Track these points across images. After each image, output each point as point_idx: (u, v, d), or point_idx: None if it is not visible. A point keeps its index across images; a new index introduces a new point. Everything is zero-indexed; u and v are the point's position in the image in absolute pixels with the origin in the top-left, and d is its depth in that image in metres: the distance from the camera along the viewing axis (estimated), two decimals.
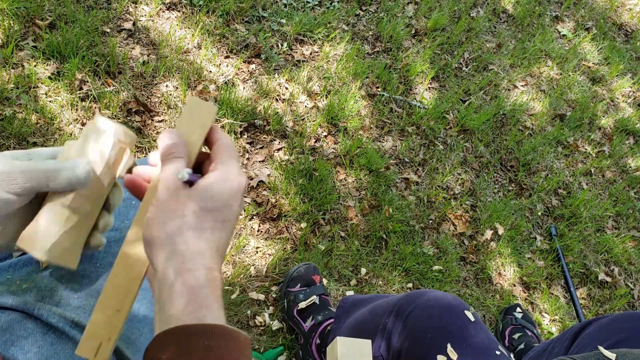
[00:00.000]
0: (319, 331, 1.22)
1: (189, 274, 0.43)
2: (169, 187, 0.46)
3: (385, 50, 1.98)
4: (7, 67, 1.39)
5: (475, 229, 1.68)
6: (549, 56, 2.27)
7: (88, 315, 0.59)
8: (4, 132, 1.31)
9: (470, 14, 2.26)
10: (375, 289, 1.46)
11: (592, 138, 2.08)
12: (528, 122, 2.01)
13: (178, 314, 0.42)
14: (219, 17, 1.76)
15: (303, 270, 1.33)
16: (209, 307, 0.43)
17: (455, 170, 1.78)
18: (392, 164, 1.70)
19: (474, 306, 1.53)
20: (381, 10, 2.09)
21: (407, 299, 0.89)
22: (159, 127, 1.48)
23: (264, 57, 1.75)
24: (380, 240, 1.55)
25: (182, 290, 0.42)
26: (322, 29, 1.90)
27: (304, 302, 1.26)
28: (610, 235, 1.82)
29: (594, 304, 1.66)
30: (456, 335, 0.81)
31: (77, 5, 1.58)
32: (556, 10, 2.50)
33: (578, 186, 1.93)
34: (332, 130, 1.70)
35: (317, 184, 1.53)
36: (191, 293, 0.42)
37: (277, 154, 1.58)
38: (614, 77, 2.32)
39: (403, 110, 1.84)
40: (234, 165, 0.49)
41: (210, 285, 0.44)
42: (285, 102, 1.68)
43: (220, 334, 0.41)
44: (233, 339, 0.42)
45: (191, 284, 0.43)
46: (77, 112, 1.41)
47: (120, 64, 1.53)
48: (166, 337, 0.41)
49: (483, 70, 2.10)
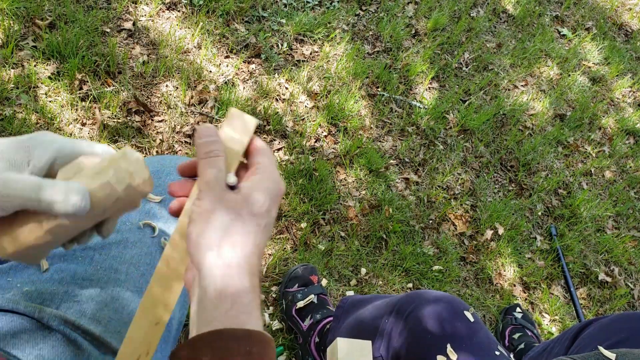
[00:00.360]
0: (318, 329, 1.22)
1: (235, 279, 0.43)
2: (214, 191, 0.45)
3: (385, 50, 1.98)
4: (7, 67, 1.39)
5: (475, 229, 1.67)
6: (549, 56, 2.27)
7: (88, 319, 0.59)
8: (4, 132, 1.31)
9: (470, 14, 2.26)
10: (375, 289, 1.46)
11: (592, 138, 2.08)
12: (528, 122, 2.01)
13: (221, 317, 0.42)
14: (219, 17, 1.76)
15: (301, 271, 1.34)
16: (250, 313, 0.43)
17: (455, 170, 1.78)
18: (392, 164, 1.70)
19: (474, 306, 1.53)
20: (381, 10, 2.08)
21: (407, 299, 0.89)
22: (159, 127, 1.48)
23: (264, 57, 1.75)
24: (380, 240, 1.54)
25: (227, 294, 0.42)
26: (322, 29, 1.90)
27: (302, 302, 1.26)
28: (610, 235, 1.82)
29: (594, 304, 1.66)
30: (456, 335, 0.81)
31: (77, 5, 1.58)
32: (556, 10, 2.50)
33: (578, 186, 1.93)
34: (332, 130, 1.70)
35: (317, 184, 1.53)
36: (235, 298, 0.42)
37: (277, 154, 1.58)
38: (614, 77, 2.32)
39: (403, 110, 1.84)
40: (274, 171, 0.48)
41: (253, 291, 0.44)
42: (285, 102, 1.68)
43: (259, 340, 0.42)
44: (270, 346, 0.42)
45: (236, 288, 0.43)
46: (77, 112, 1.41)
47: (120, 64, 1.53)
48: (208, 338, 0.41)
49: (483, 70, 2.10)
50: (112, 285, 0.62)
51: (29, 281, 0.60)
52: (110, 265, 0.63)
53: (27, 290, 0.58)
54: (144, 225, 0.67)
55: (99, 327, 0.59)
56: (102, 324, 0.59)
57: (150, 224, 0.67)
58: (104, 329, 0.59)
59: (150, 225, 0.67)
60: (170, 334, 0.67)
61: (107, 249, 0.63)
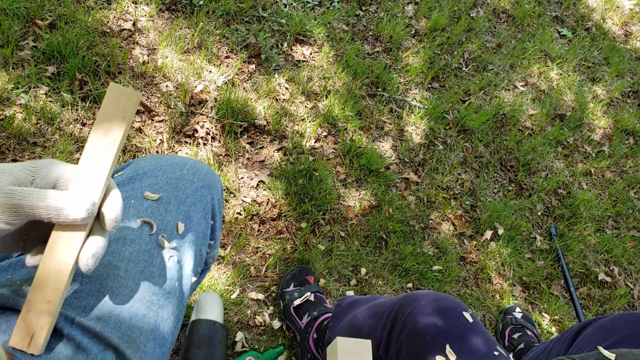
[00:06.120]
0: (316, 326, 1.22)
1: None
2: None
3: (385, 50, 1.98)
4: (7, 67, 1.39)
5: (475, 229, 1.68)
6: (548, 56, 2.27)
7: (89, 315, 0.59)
8: (4, 132, 1.31)
9: (470, 14, 2.26)
10: (375, 289, 1.46)
11: (592, 138, 2.08)
12: (528, 122, 2.01)
13: None
14: (219, 17, 1.76)
15: (297, 272, 1.35)
16: None
17: (455, 170, 1.78)
18: (392, 164, 1.70)
19: (474, 306, 1.54)
20: (381, 10, 2.09)
21: (406, 300, 0.89)
22: (159, 127, 1.48)
23: (264, 57, 1.75)
24: (380, 240, 1.55)
25: None
26: (322, 29, 1.90)
27: (298, 299, 1.28)
28: (610, 235, 1.82)
29: (593, 304, 1.66)
30: (455, 336, 0.81)
31: (77, 5, 1.58)
32: (556, 10, 2.50)
33: (578, 186, 1.93)
34: (332, 130, 1.70)
35: (317, 184, 1.54)
36: None
37: (277, 154, 1.58)
38: (613, 77, 2.32)
39: (403, 110, 1.84)
40: None
41: None
42: (285, 102, 1.68)
43: None
44: None
45: None
46: (77, 112, 1.41)
47: (120, 64, 1.53)
48: None
49: (483, 70, 2.10)
50: (112, 281, 0.62)
51: (28, 278, 0.60)
52: (109, 262, 0.63)
53: (27, 287, 0.59)
54: (142, 222, 0.67)
55: (99, 323, 0.59)
56: (102, 320, 0.59)
57: (148, 222, 0.67)
58: (104, 325, 0.59)
59: (148, 222, 0.67)
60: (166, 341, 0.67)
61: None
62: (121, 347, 0.59)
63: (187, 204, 0.72)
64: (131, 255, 0.64)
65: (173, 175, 0.73)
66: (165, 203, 0.70)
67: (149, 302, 0.64)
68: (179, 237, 0.69)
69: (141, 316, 0.63)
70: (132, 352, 0.60)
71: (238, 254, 1.38)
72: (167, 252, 0.67)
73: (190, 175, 0.75)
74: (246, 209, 1.44)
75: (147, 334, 0.63)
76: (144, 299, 0.64)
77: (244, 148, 1.55)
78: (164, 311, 0.65)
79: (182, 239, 0.70)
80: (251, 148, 1.56)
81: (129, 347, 0.60)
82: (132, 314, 0.62)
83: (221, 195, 0.81)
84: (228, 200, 1.44)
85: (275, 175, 1.53)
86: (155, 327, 0.64)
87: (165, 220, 0.69)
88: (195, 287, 0.81)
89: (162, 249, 0.67)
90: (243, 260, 1.37)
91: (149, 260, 0.65)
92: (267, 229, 1.44)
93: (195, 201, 0.73)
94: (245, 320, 1.30)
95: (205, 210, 0.75)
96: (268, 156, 1.56)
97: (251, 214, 1.44)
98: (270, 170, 1.53)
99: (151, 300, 0.64)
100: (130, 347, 0.60)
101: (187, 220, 0.71)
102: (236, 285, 1.33)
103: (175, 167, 0.74)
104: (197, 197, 0.74)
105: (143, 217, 0.67)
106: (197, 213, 0.73)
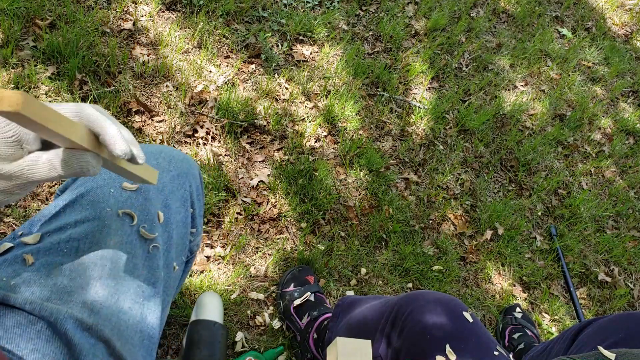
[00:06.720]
0: (316, 325, 1.22)
1: None
2: None
3: (385, 50, 1.98)
4: (7, 67, 1.39)
5: (475, 229, 1.68)
6: (549, 56, 2.27)
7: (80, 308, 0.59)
8: None
9: (470, 14, 2.26)
10: (375, 289, 1.46)
11: (592, 138, 2.08)
12: (528, 122, 2.01)
13: None
14: (219, 17, 1.76)
15: (297, 272, 1.35)
16: None
17: (455, 170, 1.78)
18: (392, 164, 1.71)
19: (474, 306, 1.54)
20: (381, 10, 2.09)
21: (406, 300, 0.89)
22: (159, 127, 1.48)
23: (264, 57, 1.75)
24: (380, 240, 1.55)
25: None
26: (322, 29, 1.90)
27: (298, 299, 1.28)
28: (610, 235, 1.82)
29: (593, 304, 1.66)
30: (455, 335, 0.81)
31: (77, 5, 1.58)
32: (556, 10, 2.50)
33: (578, 186, 1.93)
34: (332, 130, 1.70)
35: (317, 184, 1.54)
36: None
37: (277, 154, 1.58)
38: (613, 77, 2.32)
39: (403, 110, 1.84)
40: None
41: None
42: (285, 102, 1.68)
43: None
44: None
45: None
46: None
47: (120, 64, 1.53)
48: None
49: (483, 70, 2.10)
50: (99, 272, 0.62)
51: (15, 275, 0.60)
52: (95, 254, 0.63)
53: (14, 284, 0.59)
54: (123, 214, 0.67)
55: (92, 316, 0.59)
56: (94, 313, 0.60)
57: (129, 213, 0.67)
58: (96, 317, 0.59)
59: (129, 214, 0.67)
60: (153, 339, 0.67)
61: (90, 236, 0.63)
62: (112, 340, 0.59)
63: (164, 192, 0.72)
64: (116, 246, 0.64)
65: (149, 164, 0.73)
66: (144, 192, 0.69)
67: (135, 294, 0.64)
68: (160, 226, 0.69)
69: (127, 309, 0.63)
70: (121, 345, 0.60)
71: (238, 254, 1.38)
72: (149, 243, 0.67)
73: (166, 163, 0.75)
74: (246, 209, 1.44)
75: (134, 326, 0.63)
76: (129, 291, 0.64)
77: (244, 148, 1.55)
78: (150, 302, 0.65)
79: (163, 228, 0.69)
80: (251, 148, 1.56)
81: (119, 339, 0.60)
82: (119, 306, 0.62)
83: (200, 182, 0.81)
84: (228, 200, 1.44)
85: (275, 175, 1.53)
86: (142, 318, 0.64)
87: (146, 209, 0.68)
88: (184, 278, 0.81)
89: (144, 240, 0.67)
90: (243, 260, 1.37)
91: (132, 252, 0.65)
92: (267, 229, 1.44)
93: (173, 189, 0.73)
94: (245, 320, 1.30)
95: (184, 198, 0.74)
96: (268, 156, 1.56)
97: (251, 214, 1.44)
98: (270, 170, 1.53)
99: (137, 292, 0.64)
100: (120, 339, 0.61)
101: (165, 209, 0.71)
102: (236, 285, 1.33)
103: (150, 156, 0.74)
104: (175, 185, 0.74)
105: (123, 209, 0.67)
106: (175, 201, 0.73)
